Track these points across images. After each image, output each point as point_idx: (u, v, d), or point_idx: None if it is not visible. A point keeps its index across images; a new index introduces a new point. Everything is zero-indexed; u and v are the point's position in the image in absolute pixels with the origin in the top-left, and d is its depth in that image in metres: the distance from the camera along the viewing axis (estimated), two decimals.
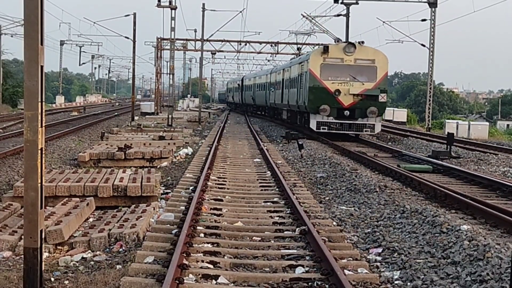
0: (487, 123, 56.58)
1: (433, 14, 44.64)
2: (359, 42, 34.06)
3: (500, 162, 24.30)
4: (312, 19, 51.83)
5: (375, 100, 32.67)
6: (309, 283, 8.76)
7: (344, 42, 34.55)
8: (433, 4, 43.81)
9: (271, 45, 66.64)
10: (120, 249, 11.17)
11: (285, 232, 11.72)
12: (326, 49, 33.41)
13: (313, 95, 32.95)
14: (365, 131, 33.31)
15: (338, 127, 32.76)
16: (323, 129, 32.51)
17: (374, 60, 33.11)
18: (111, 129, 38.13)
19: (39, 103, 8.61)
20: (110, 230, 11.98)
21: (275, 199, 15.22)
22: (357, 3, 45.70)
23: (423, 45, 48.13)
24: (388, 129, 43.55)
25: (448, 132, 32.85)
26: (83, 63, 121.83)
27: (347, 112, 32.52)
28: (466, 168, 21.38)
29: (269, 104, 55.19)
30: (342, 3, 45.92)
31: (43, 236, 9.04)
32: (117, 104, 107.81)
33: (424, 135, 41.00)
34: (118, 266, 9.95)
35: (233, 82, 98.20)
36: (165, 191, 16.92)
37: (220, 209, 13.65)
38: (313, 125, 32.90)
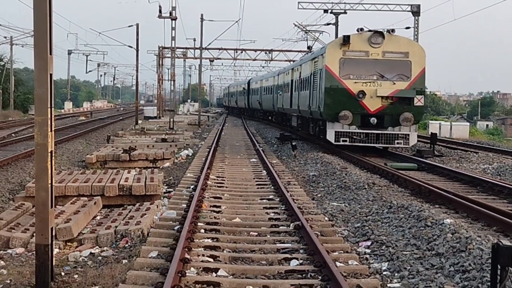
0: (468, 124, 56.57)
1: (416, 22, 44.65)
2: (388, 31, 24.67)
3: (480, 160, 24.34)
4: (304, 28, 51.75)
5: (409, 103, 23.60)
6: (303, 275, 8.76)
7: (370, 30, 24.38)
8: (416, 13, 43.74)
9: (265, 53, 66.58)
10: (126, 245, 11.17)
11: (280, 227, 11.73)
12: (346, 39, 23.81)
13: (331, 98, 23.85)
14: (397, 143, 23.88)
15: (362, 139, 23.65)
16: (343, 141, 23.57)
17: (407, 53, 23.83)
18: (117, 132, 38.08)
19: (49, 109, 8.60)
20: (116, 227, 11.98)
21: (271, 197, 15.23)
22: (345, 13, 45.69)
23: None
24: None
25: (431, 132, 32.30)
26: (90, 71, 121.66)
27: (374, 120, 23.51)
28: (449, 166, 21.41)
29: (277, 109, 45.97)
30: (331, 12, 45.89)
31: (53, 233, 9.03)
32: (121, 109, 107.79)
33: None
34: (124, 261, 9.95)
35: (236, 86, 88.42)
36: (168, 190, 16.90)
37: (219, 206, 13.65)
38: (330, 136, 23.82)
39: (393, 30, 24.54)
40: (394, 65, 23.97)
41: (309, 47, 48.34)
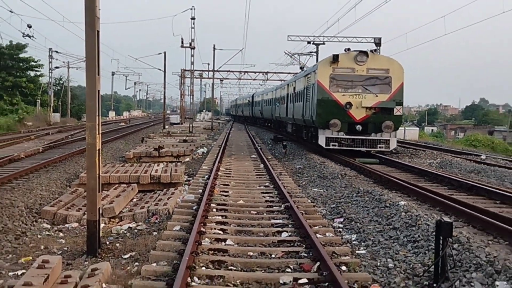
0: (417, 128, 56.60)
1: (378, 51, 44.63)
2: (371, 51, 23.08)
3: (427, 156, 24.33)
4: (292, 55, 51.76)
5: (390, 113, 22.10)
6: (291, 244, 8.79)
7: (355, 50, 22.95)
8: (378, 44, 43.46)
9: (263, 74, 66.78)
10: (156, 221, 11.18)
11: (274, 207, 11.74)
12: (335, 58, 22.25)
13: (322, 108, 22.33)
14: (379, 147, 22.23)
15: (349, 143, 22.14)
16: (333, 145, 22.07)
17: (388, 69, 22.34)
18: (149, 134, 38.07)
19: (97, 117, 8.62)
20: (148, 207, 12.00)
21: (267, 184, 15.23)
22: (323, 44, 45.61)
23: None
24: None
25: None
26: (128, 88, 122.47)
27: (359, 127, 22.00)
28: (403, 161, 21.40)
29: (275, 117, 43.37)
30: (313, 43, 45.84)
31: (100, 212, 9.05)
32: (152, 117, 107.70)
33: None
34: (155, 233, 9.97)
35: (243, 99, 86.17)
36: (188, 179, 16.90)
37: (227, 191, 13.65)
38: (322, 141, 22.27)
39: (375, 50, 23.79)
40: (377, 80, 22.29)
41: (301, 67, 46.14)
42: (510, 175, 17.49)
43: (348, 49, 22.85)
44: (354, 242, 9.26)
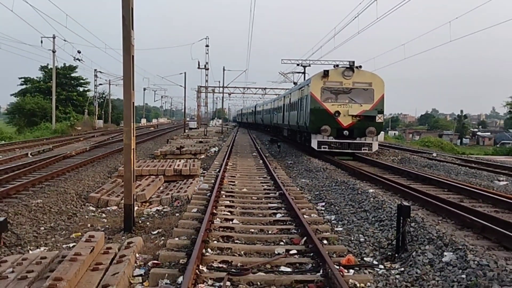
0: (383, 132, 56.47)
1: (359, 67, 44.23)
2: (356, 67, 21.54)
3: (390, 154, 24.27)
4: (285, 75, 51.71)
5: (372, 120, 20.68)
6: (284, 223, 8.78)
7: (342, 66, 22.05)
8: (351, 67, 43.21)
9: (262, 89, 67.04)
10: (178, 205, 11.17)
11: (271, 194, 11.72)
12: (326, 73, 21.00)
13: (314, 116, 20.90)
14: (363, 149, 20.79)
15: (338, 146, 20.75)
16: (323, 148, 20.68)
17: (371, 83, 20.98)
18: (172, 137, 38.03)
19: (132, 123, 8.63)
20: (172, 193, 11.99)
21: (265, 176, 15.21)
22: (309, 66, 45.53)
23: None
24: None
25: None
26: (156, 100, 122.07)
27: (346, 132, 20.53)
28: (372, 157, 21.35)
29: (273, 124, 41.31)
30: (301, 65, 45.81)
31: (134, 198, 9.05)
32: (175, 123, 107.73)
33: None
34: (177, 214, 9.96)
35: (247, 109, 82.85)
36: (203, 172, 16.87)
37: (234, 182, 13.64)
38: (314, 144, 20.86)
39: (360, 66, 21.15)
40: (361, 92, 20.66)
41: (294, 83, 44.80)
42: (455, 169, 17.48)
43: (337, 66, 21.78)
44: (333, 222, 9.26)
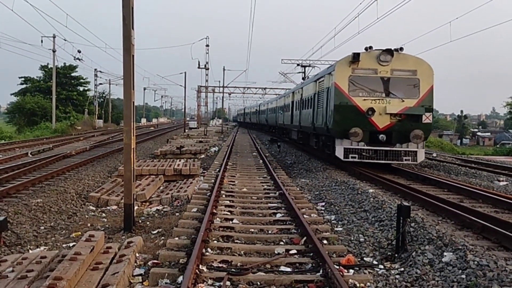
0: None
1: None
2: (396, 49, 16.26)
3: None
4: (285, 75, 51.78)
5: (417, 120, 15.74)
6: (284, 222, 8.78)
7: (378, 49, 16.24)
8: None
9: (262, 89, 67.02)
10: (178, 204, 11.18)
11: (271, 194, 11.73)
12: (356, 57, 15.81)
13: (340, 115, 15.81)
14: (405, 159, 15.87)
15: (371, 155, 15.85)
16: (352, 157, 15.83)
17: (416, 71, 15.93)
18: (172, 136, 38.09)
19: (132, 122, 8.62)
20: (172, 193, 11.99)
21: (265, 175, 15.21)
22: (309, 66, 45.57)
23: None
24: None
25: None
26: (156, 100, 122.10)
27: (382, 137, 15.68)
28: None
29: (278, 124, 36.38)
30: (301, 65, 45.84)
31: (134, 197, 9.05)
32: (175, 123, 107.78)
33: None
34: (177, 214, 9.96)
35: (250, 108, 76.18)
36: (203, 171, 16.89)
37: (234, 181, 13.64)
38: (339, 152, 15.93)
39: (401, 49, 16.04)
40: (403, 82, 15.73)
41: (303, 78, 38.83)
42: (455, 169, 17.49)
43: (370, 48, 16.12)
44: (333, 221, 9.25)
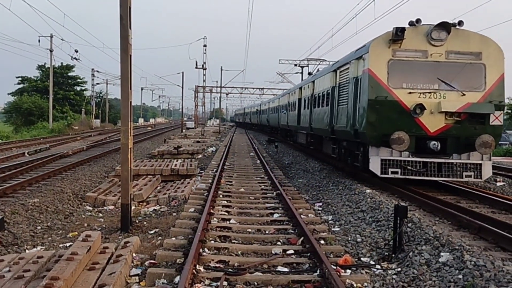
0: None
1: None
2: (453, 24, 11.24)
3: None
4: (282, 75, 51.85)
5: (483, 122, 11.10)
6: (281, 223, 8.78)
7: (426, 24, 11.26)
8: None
9: (259, 90, 67.09)
10: (175, 204, 11.18)
11: (268, 194, 11.72)
12: (399, 34, 10.90)
13: (377, 114, 11.21)
14: (466, 176, 11.22)
15: (419, 170, 11.23)
16: (392, 172, 11.31)
17: (480, 53, 11.19)
18: (170, 136, 38.08)
19: (129, 122, 8.61)
20: (169, 193, 11.99)
21: (262, 176, 15.20)
22: (307, 66, 45.65)
23: None
24: None
25: None
26: (154, 100, 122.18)
27: (435, 144, 11.16)
28: None
29: (281, 125, 32.06)
30: (299, 66, 45.89)
31: (131, 197, 9.03)
32: (173, 123, 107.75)
33: None
34: (174, 214, 9.96)
35: (250, 108, 70.45)
36: (200, 171, 16.89)
37: (231, 181, 13.63)
38: (375, 165, 11.35)
39: (460, 23, 11.28)
40: (463, 69, 11.20)
41: (309, 73, 31.16)
42: None
43: (417, 21, 11.40)
44: (330, 222, 9.26)
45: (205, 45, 51.43)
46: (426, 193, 11.33)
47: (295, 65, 45.80)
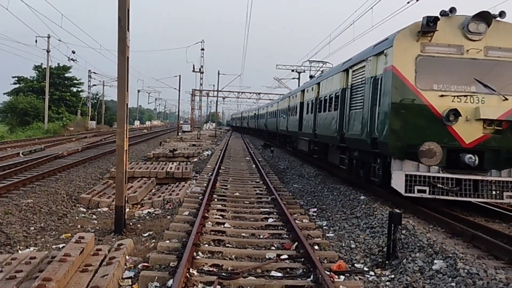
0: None
1: None
2: (494, 15, 9.20)
3: None
4: (279, 80, 51.98)
5: None
6: (276, 227, 8.78)
7: (462, 15, 9.22)
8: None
9: (256, 94, 67.25)
10: (170, 207, 11.15)
11: (263, 199, 11.72)
12: (430, 24, 8.84)
13: (402, 120, 9.16)
14: (507, 196, 8.91)
15: (452, 188, 8.99)
16: (420, 191, 9.09)
17: None
18: (165, 139, 37.97)
19: (125, 124, 8.60)
20: (164, 196, 11.95)
21: (257, 180, 15.19)
22: (304, 72, 45.79)
23: None
24: None
25: None
26: (150, 102, 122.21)
27: (471, 158, 9.00)
28: None
29: (279, 131, 29.95)
30: (296, 71, 46.02)
31: (126, 199, 9.01)
32: (169, 126, 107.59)
33: None
34: (168, 217, 9.93)
35: (248, 112, 68.21)
36: (195, 175, 16.85)
37: (226, 186, 13.62)
38: (398, 182, 9.20)
39: (502, 14, 9.50)
40: (505, 69, 9.44)
41: (310, 76, 28.58)
42: None
43: (452, 10, 9.60)
44: (324, 227, 9.27)
45: (202, 49, 51.38)
46: (420, 200, 11.35)
47: (292, 70, 45.94)
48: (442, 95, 9.30)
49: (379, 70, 10.33)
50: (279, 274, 6.14)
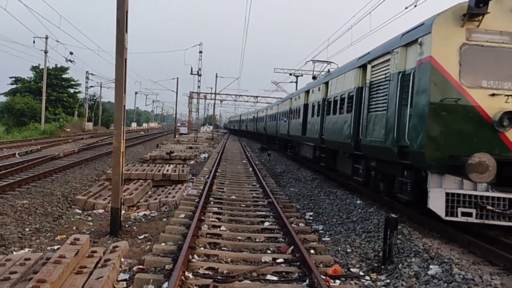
0: None
1: None
2: None
3: None
4: (277, 84, 52.04)
5: None
6: (272, 231, 8.77)
7: None
8: None
9: (254, 97, 67.33)
10: (166, 210, 11.12)
11: (259, 202, 11.72)
12: (480, 4, 6.75)
13: (442, 124, 7.04)
14: None
15: (505, 211, 6.93)
16: (464, 214, 7.08)
17: None
18: (162, 141, 37.91)
19: (122, 126, 8.59)
20: (160, 198, 11.93)
21: (254, 183, 15.19)
22: (301, 76, 45.86)
23: None
24: None
25: None
26: (147, 104, 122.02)
27: None
28: None
29: (280, 135, 28.31)
30: (294, 75, 46.08)
31: (122, 201, 8.99)
32: (166, 128, 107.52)
33: None
34: (164, 219, 9.91)
35: (247, 115, 65.94)
36: (192, 177, 16.82)
37: (223, 188, 13.61)
38: (437, 202, 7.08)
39: None
40: None
41: (313, 77, 26.68)
42: None
43: None
44: (321, 231, 9.27)
45: (200, 52, 51.51)
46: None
47: (290, 74, 45.99)
48: (493, 94, 7.44)
49: (410, 64, 8.46)
50: (275, 278, 6.13)
